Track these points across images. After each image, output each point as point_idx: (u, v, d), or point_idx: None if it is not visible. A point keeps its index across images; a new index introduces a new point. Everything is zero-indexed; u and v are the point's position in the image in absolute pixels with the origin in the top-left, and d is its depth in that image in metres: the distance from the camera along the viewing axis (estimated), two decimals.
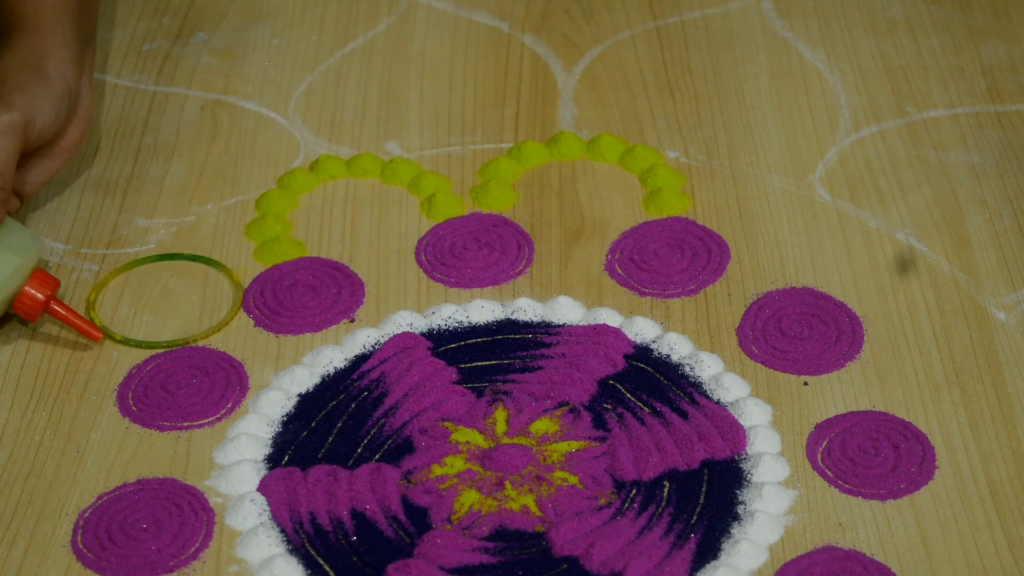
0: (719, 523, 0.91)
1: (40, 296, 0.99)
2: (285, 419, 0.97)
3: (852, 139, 1.14)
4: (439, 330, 1.02)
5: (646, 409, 0.97)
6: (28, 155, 1.04)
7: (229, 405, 0.98)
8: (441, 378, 0.98)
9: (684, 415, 0.96)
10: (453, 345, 1.01)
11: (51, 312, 1.00)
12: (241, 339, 1.02)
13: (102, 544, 0.90)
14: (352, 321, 1.03)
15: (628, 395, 0.98)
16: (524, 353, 1.00)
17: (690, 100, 1.18)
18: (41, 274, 0.99)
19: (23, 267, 0.98)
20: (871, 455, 0.94)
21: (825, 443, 0.95)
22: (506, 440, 0.95)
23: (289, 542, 0.91)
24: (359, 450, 0.95)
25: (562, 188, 1.11)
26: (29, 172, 1.05)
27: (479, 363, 1.00)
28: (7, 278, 0.98)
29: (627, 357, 1.00)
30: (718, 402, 0.97)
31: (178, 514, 0.92)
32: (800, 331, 1.01)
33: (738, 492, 0.92)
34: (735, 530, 0.91)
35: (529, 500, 0.92)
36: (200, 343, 1.01)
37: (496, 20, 1.25)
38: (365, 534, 0.91)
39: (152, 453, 0.95)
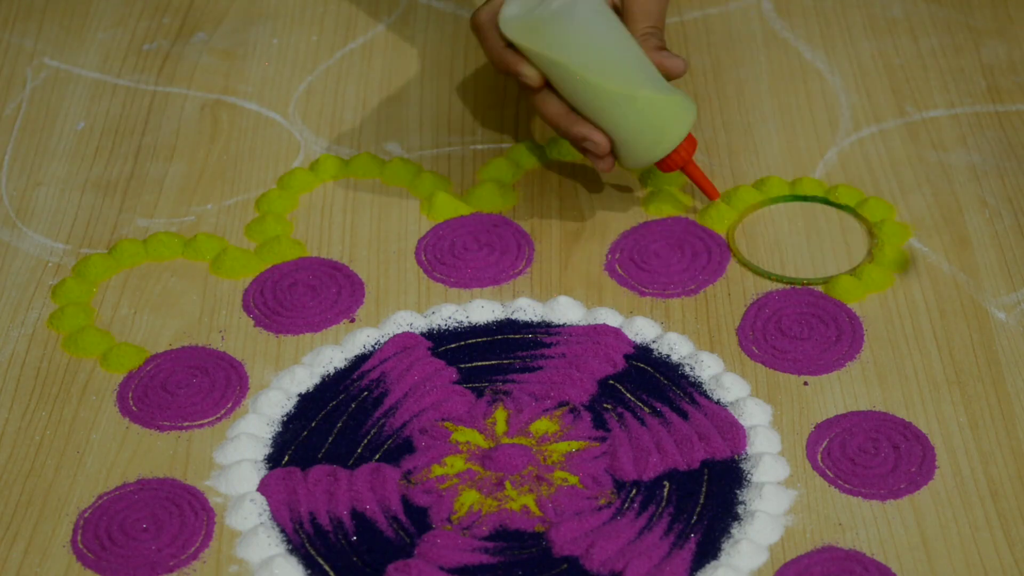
0: (719, 523, 0.91)
1: (687, 153, 1.05)
2: (285, 419, 0.97)
3: (852, 139, 1.14)
4: (439, 330, 1.02)
5: (646, 409, 0.97)
6: None
7: (229, 405, 0.98)
8: (441, 378, 0.98)
9: (684, 415, 0.96)
10: (453, 345, 1.01)
11: (686, 169, 1.06)
12: (241, 339, 1.02)
13: (102, 544, 0.90)
14: (352, 321, 1.03)
15: (628, 395, 0.98)
16: (524, 353, 1.00)
17: None
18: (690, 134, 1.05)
19: (692, 122, 1.04)
20: (871, 455, 0.94)
21: (825, 443, 0.95)
22: (506, 440, 0.95)
23: (289, 542, 0.91)
24: (359, 450, 0.95)
25: (562, 188, 1.11)
26: None
27: (479, 363, 1.00)
28: (688, 126, 1.04)
29: (627, 357, 1.00)
30: (718, 402, 0.97)
31: (178, 514, 0.92)
32: (800, 331, 1.01)
33: (738, 492, 0.92)
34: (735, 530, 0.91)
35: (529, 500, 0.92)
36: (203, 344, 1.01)
37: None
38: (365, 534, 0.91)
39: (152, 453, 0.95)
